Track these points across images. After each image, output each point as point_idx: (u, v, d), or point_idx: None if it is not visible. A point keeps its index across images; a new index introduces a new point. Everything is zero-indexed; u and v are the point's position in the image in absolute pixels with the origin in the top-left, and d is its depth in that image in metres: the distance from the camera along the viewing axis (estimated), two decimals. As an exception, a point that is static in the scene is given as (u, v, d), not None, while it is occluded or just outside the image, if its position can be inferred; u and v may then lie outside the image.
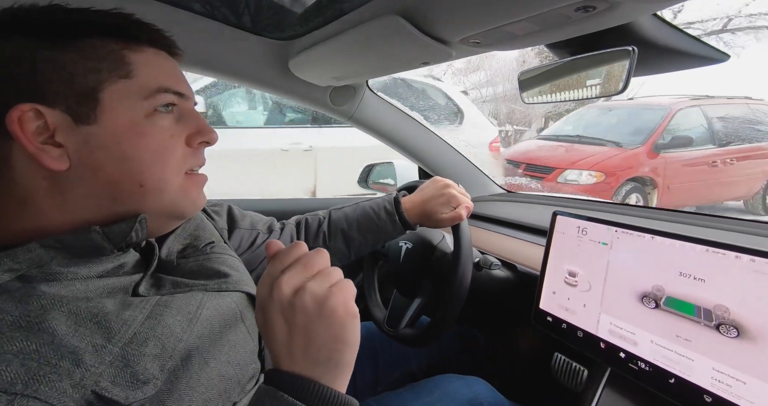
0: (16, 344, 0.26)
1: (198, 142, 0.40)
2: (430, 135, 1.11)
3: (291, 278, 0.32)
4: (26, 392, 0.25)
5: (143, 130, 0.35)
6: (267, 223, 0.71)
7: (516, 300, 0.79)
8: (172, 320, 0.35)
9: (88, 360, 0.28)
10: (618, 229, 0.55)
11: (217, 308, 0.40)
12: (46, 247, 0.32)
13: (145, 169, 0.35)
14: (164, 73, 0.37)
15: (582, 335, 0.57)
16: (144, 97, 0.35)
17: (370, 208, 0.72)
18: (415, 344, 0.73)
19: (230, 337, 0.40)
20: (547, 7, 0.43)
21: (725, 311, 0.43)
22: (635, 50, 0.52)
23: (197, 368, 0.34)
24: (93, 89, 0.33)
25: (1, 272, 0.29)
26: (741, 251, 0.43)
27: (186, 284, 0.40)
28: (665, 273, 0.49)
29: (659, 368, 0.48)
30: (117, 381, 0.29)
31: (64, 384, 0.27)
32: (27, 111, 0.31)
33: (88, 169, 0.33)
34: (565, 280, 0.60)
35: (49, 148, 0.32)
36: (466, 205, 0.69)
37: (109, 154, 0.34)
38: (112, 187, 0.35)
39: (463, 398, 0.68)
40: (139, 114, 0.35)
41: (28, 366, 0.26)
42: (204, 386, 0.34)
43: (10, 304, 0.28)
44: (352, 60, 0.73)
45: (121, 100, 0.34)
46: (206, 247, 0.47)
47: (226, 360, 0.38)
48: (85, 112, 0.33)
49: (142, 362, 0.31)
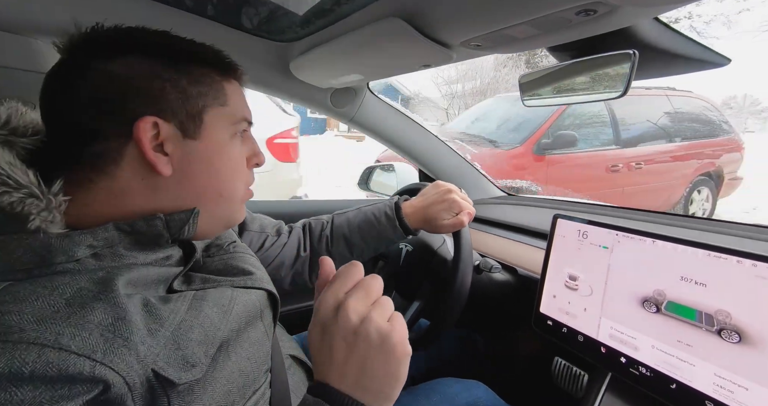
0: (97, 315, 0.29)
1: (253, 164, 0.47)
2: (430, 137, 1.11)
3: (357, 305, 0.34)
4: (104, 360, 0.28)
5: (228, 150, 0.42)
6: (275, 226, 0.72)
7: (516, 304, 0.79)
8: (210, 311, 0.38)
9: (149, 340, 0.31)
10: (619, 233, 0.54)
11: (245, 304, 0.43)
12: (119, 229, 0.35)
13: (226, 181, 0.42)
14: (243, 104, 0.44)
15: (582, 339, 0.57)
16: (232, 122, 0.42)
17: (371, 213, 0.72)
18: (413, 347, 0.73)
19: (251, 333, 0.42)
20: (547, 10, 0.43)
21: (727, 316, 0.43)
22: (636, 53, 0.52)
23: (222, 360, 0.37)
24: (200, 111, 0.39)
25: (84, 247, 0.33)
26: (743, 255, 0.43)
27: (214, 281, 0.43)
28: (666, 277, 0.48)
29: (660, 373, 0.47)
30: (170, 362, 0.32)
31: (132, 359, 0.29)
32: (150, 123, 0.36)
33: (185, 176, 0.39)
34: (565, 284, 0.60)
35: (159, 155, 0.37)
36: (468, 211, 0.69)
37: (204, 166, 0.40)
38: (199, 193, 0.40)
39: (462, 402, 0.67)
40: (227, 136, 0.42)
41: (106, 337, 0.29)
42: (225, 378, 0.36)
43: (90, 282, 0.32)
44: (353, 62, 0.73)
45: (218, 123, 0.41)
46: (229, 246, 0.50)
47: (246, 356, 0.40)
48: (192, 128, 0.39)
49: (190, 347, 0.34)
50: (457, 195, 0.70)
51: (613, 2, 0.40)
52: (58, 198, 0.33)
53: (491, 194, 1.23)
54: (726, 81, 24.41)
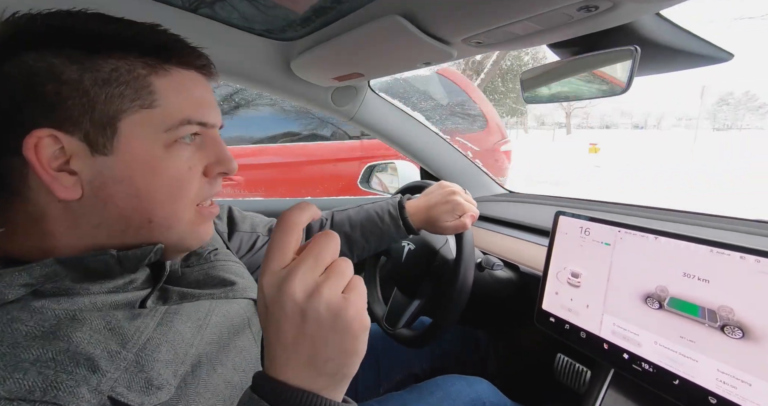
0: (33, 353, 0.27)
1: (217, 172, 0.38)
2: (431, 135, 1.11)
3: (303, 278, 0.27)
4: (45, 398, 0.25)
5: (159, 165, 0.33)
6: (267, 225, 0.71)
7: (518, 301, 0.79)
8: (183, 326, 0.35)
9: (104, 366, 0.28)
10: (621, 229, 0.54)
11: (226, 314, 0.40)
12: (61, 263, 0.31)
13: (157, 205, 0.34)
14: (191, 101, 0.35)
15: (585, 335, 0.57)
16: (165, 129, 0.33)
17: (374, 211, 0.71)
18: (413, 344, 0.73)
19: (237, 343, 0.40)
20: (549, 6, 0.43)
21: (730, 312, 0.43)
22: (638, 50, 0.51)
23: (205, 374, 0.34)
24: (112, 118, 0.32)
25: (17, 287, 0.29)
26: (746, 251, 0.42)
27: (193, 295, 0.40)
28: (669, 274, 0.48)
29: (663, 369, 0.47)
30: (132, 386, 0.29)
31: (81, 390, 0.27)
32: (44, 137, 0.30)
33: (99, 200, 0.32)
34: (567, 280, 0.60)
35: (63, 175, 0.31)
36: (471, 213, 0.68)
37: (122, 188, 0.32)
38: (122, 221, 0.34)
39: (465, 399, 0.68)
40: (158, 146, 0.33)
41: (45, 374, 0.26)
42: (210, 392, 0.34)
43: (25, 314, 0.28)
44: (354, 60, 0.73)
45: (140, 132, 0.32)
46: (210, 254, 0.47)
47: (232, 366, 0.37)
48: (102, 141, 0.31)
49: (156, 368, 0.31)
50: (461, 197, 0.69)
51: (614, -2, 0.40)
52: None
53: (493, 192, 1.23)
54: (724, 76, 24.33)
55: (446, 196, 0.69)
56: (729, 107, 33.66)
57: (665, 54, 0.56)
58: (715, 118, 34.79)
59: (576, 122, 41.52)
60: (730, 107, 33.60)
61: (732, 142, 15.93)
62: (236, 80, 0.87)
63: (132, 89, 0.32)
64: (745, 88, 30.01)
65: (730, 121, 33.42)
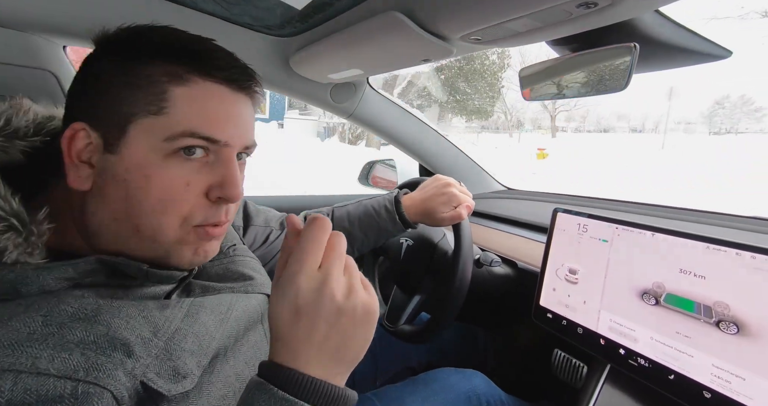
0: (77, 334, 0.28)
1: (216, 197, 0.35)
2: (430, 132, 1.10)
3: (339, 279, 0.30)
4: (88, 378, 0.27)
5: (153, 173, 0.33)
6: (280, 219, 0.73)
7: (516, 297, 0.79)
8: (207, 318, 0.36)
9: (138, 352, 0.30)
10: (618, 226, 0.55)
11: (245, 309, 0.41)
12: (102, 262, 0.34)
13: (144, 214, 0.33)
14: (202, 113, 0.33)
15: (582, 331, 0.57)
16: (165, 138, 0.32)
17: (371, 206, 0.72)
18: (413, 340, 0.74)
19: (250, 337, 0.41)
20: (548, 3, 0.43)
21: (725, 308, 0.43)
22: (637, 47, 0.51)
23: (219, 365, 0.36)
24: (125, 120, 0.32)
25: (63, 280, 0.31)
26: (741, 247, 0.43)
27: (214, 288, 0.41)
28: (665, 270, 0.49)
29: (659, 364, 0.48)
30: (161, 374, 0.31)
31: (118, 373, 0.28)
32: (80, 130, 0.33)
33: (100, 197, 0.34)
34: (565, 277, 0.61)
35: (84, 166, 0.33)
36: (467, 204, 0.69)
37: (118, 190, 0.33)
38: (114, 225, 0.34)
39: (460, 391, 0.68)
40: (156, 154, 0.33)
41: (87, 355, 0.28)
42: (222, 382, 0.35)
43: (70, 298, 0.30)
44: (353, 57, 0.73)
45: (143, 137, 0.32)
46: (229, 249, 0.49)
47: (243, 360, 0.39)
48: (113, 140, 0.33)
49: (183, 357, 0.32)
50: (456, 188, 0.70)
51: (613, -5, 0.40)
52: (42, 228, 0.31)
53: (491, 188, 1.23)
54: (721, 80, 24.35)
55: (441, 188, 0.69)
56: (725, 111, 33.51)
57: (664, 51, 0.56)
58: (710, 122, 34.55)
59: (573, 126, 41.36)
60: (725, 111, 33.46)
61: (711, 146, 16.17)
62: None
63: (147, 94, 0.32)
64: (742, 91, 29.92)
65: (726, 125, 33.31)
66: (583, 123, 41.21)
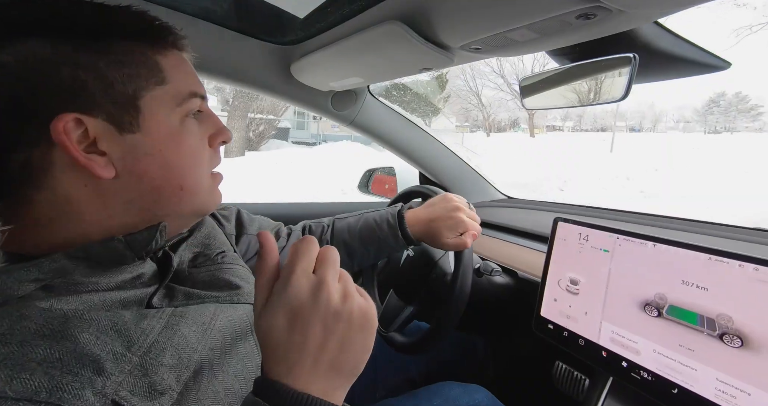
0: (40, 352, 0.26)
1: (218, 142, 0.41)
2: (431, 140, 1.11)
3: (335, 282, 0.30)
4: (50, 400, 0.25)
5: (179, 137, 0.36)
6: (274, 228, 0.71)
7: (516, 307, 0.79)
8: (188, 330, 0.35)
9: (109, 368, 0.28)
10: (620, 236, 0.54)
11: (230, 319, 0.40)
12: (71, 257, 0.32)
13: (185, 173, 0.37)
14: (191, 76, 0.38)
15: (583, 343, 0.56)
16: (177, 103, 0.36)
17: (373, 220, 0.70)
18: (412, 351, 0.73)
19: (239, 349, 0.39)
20: (547, 14, 0.43)
21: (729, 321, 0.42)
22: (636, 57, 0.52)
23: (206, 380, 0.34)
24: (133, 97, 0.33)
25: (28, 282, 0.29)
26: (744, 259, 0.42)
27: (198, 296, 0.40)
28: (668, 281, 0.48)
29: (662, 377, 0.47)
30: (135, 391, 0.29)
31: (86, 392, 0.26)
32: (69, 121, 0.31)
33: (133, 176, 0.34)
34: (566, 287, 0.60)
35: (94, 157, 0.32)
36: (473, 232, 0.66)
37: (154, 161, 0.35)
38: (155, 192, 0.36)
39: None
40: (175, 120, 0.36)
41: (51, 374, 0.26)
42: (210, 399, 0.34)
43: (34, 311, 0.28)
44: (354, 65, 0.73)
45: (160, 108, 0.35)
46: (217, 256, 0.47)
47: (233, 374, 0.37)
48: (128, 120, 0.33)
49: (160, 372, 0.31)
50: (464, 214, 0.66)
51: (612, 7, 0.40)
52: None
53: (492, 197, 1.23)
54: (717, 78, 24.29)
55: (449, 211, 0.66)
56: (720, 109, 33.19)
57: (663, 62, 0.57)
58: (706, 121, 34.10)
59: (570, 125, 41.29)
60: (720, 109, 33.14)
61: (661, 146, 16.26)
62: (236, 83, 0.88)
63: (146, 69, 0.34)
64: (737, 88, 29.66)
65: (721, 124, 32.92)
66: (579, 122, 41.13)
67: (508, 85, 25.37)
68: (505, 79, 25.05)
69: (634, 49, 0.52)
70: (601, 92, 0.60)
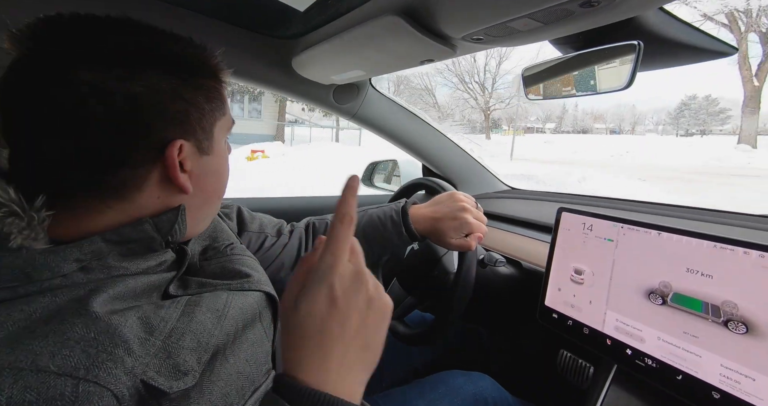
0: (78, 331, 0.28)
1: None
2: (434, 132, 1.10)
3: (367, 271, 0.32)
4: (88, 376, 0.26)
5: (226, 156, 0.44)
6: (276, 226, 0.70)
7: (521, 297, 0.79)
8: (203, 316, 0.37)
9: (137, 350, 0.30)
10: (624, 225, 0.54)
11: (242, 306, 0.42)
12: (106, 240, 0.34)
13: (225, 185, 0.44)
14: (227, 104, 0.43)
15: (588, 331, 0.57)
16: (228, 128, 0.43)
17: (376, 216, 0.69)
18: (418, 342, 0.74)
19: (249, 335, 0.41)
20: (550, 2, 0.42)
21: (733, 307, 0.43)
22: (641, 45, 0.51)
23: (219, 364, 0.36)
24: (212, 124, 0.39)
25: (71, 261, 0.32)
26: (749, 246, 0.42)
27: (211, 284, 0.42)
28: (672, 269, 0.48)
29: (666, 364, 0.47)
30: (161, 371, 0.31)
31: (118, 371, 0.28)
32: (178, 145, 0.35)
33: (199, 190, 0.39)
34: (570, 277, 0.60)
35: (183, 176, 0.37)
36: (478, 234, 0.65)
37: (214, 178, 0.42)
38: (207, 201, 0.42)
39: (467, 394, 0.68)
40: (224, 143, 0.43)
41: (88, 352, 0.27)
42: (224, 380, 0.36)
43: (75, 294, 0.31)
44: (355, 58, 0.73)
45: (221, 134, 0.41)
46: (226, 248, 0.49)
47: (244, 358, 0.39)
48: (206, 144, 0.39)
49: (182, 355, 0.33)
50: (470, 215, 0.64)
51: (616, -7, 0.39)
52: (41, 214, 0.31)
53: (496, 188, 1.23)
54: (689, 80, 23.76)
55: (455, 211, 0.65)
56: (690, 112, 32.41)
57: (668, 49, 0.56)
58: (678, 124, 33.30)
59: (551, 127, 40.62)
60: (691, 112, 32.37)
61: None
62: (237, 78, 0.87)
63: (220, 101, 0.40)
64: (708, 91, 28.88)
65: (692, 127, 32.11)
66: (560, 124, 40.55)
67: (464, 84, 24.42)
68: (459, 77, 24.15)
69: (639, 36, 0.52)
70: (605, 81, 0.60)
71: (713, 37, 0.56)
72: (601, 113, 39.69)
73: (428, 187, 0.78)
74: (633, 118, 41.05)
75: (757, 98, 13.95)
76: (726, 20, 13.82)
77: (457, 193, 0.68)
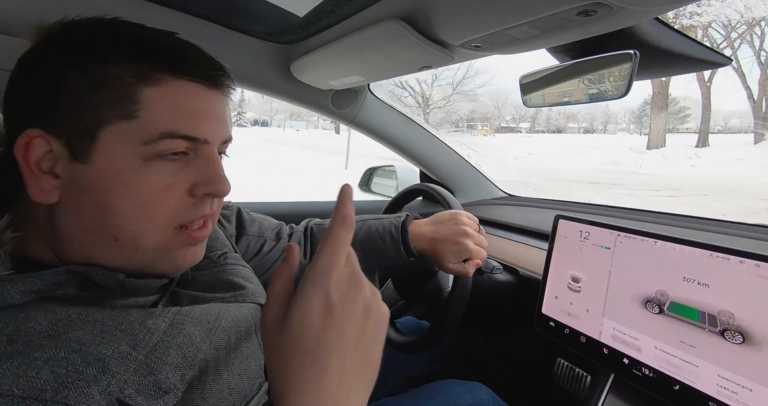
0: (45, 352, 0.26)
1: (203, 193, 0.35)
2: (431, 138, 1.11)
3: (364, 278, 0.29)
4: (56, 398, 0.25)
5: (131, 179, 0.31)
6: (275, 229, 0.69)
7: (518, 305, 0.79)
8: (192, 329, 0.34)
9: (114, 367, 0.28)
10: (621, 233, 0.54)
11: (235, 319, 0.40)
12: (72, 273, 0.31)
13: (123, 222, 0.32)
14: (179, 113, 0.32)
15: (585, 340, 0.56)
16: (143, 142, 0.31)
17: (375, 229, 0.68)
18: (413, 350, 0.73)
19: (243, 349, 0.39)
20: (548, 11, 0.43)
21: (730, 317, 0.42)
22: (637, 54, 0.52)
23: (211, 379, 0.34)
24: (93, 125, 0.31)
25: (28, 293, 0.29)
26: (745, 255, 0.42)
27: (203, 298, 0.40)
28: (669, 278, 0.48)
29: (663, 374, 0.47)
30: (140, 389, 0.29)
31: (91, 390, 0.26)
32: (35, 137, 0.30)
33: (70, 209, 0.32)
34: (567, 285, 0.60)
35: (46, 177, 0.31)
36: (477, 260, 0.63)
37: (91, 200, 0.31)
38: (89, 236, 0.32)
39: (464, 404, 0.67)
40: (134, 159, 0.31)
41: (57, 373, 0.26)
42: (216, 397, 0.34)
43: (40, 313, 0.28)
44: (353, 64, 0.73)
45: (119, 143, 0.31)
46: (219, 258, 0.47)
47: (237, 373, 0.37)
48: (80, 148, 0.31)
49: (164, 371, 0.30)
50: (471, 241, 0.62)
51: (613, 3, 0.40)
52: (4, 236, 0.29)
53: (493, 195, 1.23)
54: None
55: (456, 235, 0.62)
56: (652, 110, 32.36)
57: (664, 58, 0.57)
58: (640, 123, 33.18)
59: (526, 126, 40.72)
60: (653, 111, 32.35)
61: None
62: (236, 83, 0.87)
63: (114, 98, 0.31)
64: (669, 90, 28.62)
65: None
66: (533, 123, 40.65)
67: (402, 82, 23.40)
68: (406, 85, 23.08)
69: (635, 46, 0.52)
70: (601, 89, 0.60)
71: (708, 47, 0.56)
72: (574, 113, 39.95)
73: (426, 193, 0.78)
74: (605, 118, 41.21)
75: (665, 95, 14.90)
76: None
77: (460, 215, 0.65)
